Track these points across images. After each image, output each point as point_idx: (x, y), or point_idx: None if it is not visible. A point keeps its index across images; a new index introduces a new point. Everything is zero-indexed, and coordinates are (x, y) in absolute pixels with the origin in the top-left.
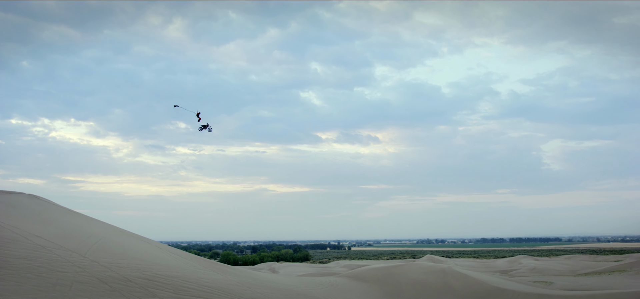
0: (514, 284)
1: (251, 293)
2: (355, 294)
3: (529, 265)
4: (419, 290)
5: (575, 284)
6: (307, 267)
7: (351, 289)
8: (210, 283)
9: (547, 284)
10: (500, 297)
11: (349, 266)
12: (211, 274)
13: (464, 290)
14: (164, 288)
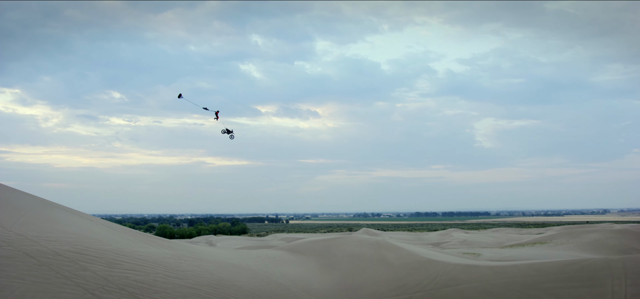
0: (444, 255)
1: (187, 266)
2: (292, 266)
3: (459, 238)
4: (354, 262)
5: (500, 255)
6: (244, 240)
7: (288, 262)
8: (145, 256)
9: (475, 256)
10: (430, 267)
11: (287, 239)
12: (146, 247)
13: (397, 261)
14: (96, 261)
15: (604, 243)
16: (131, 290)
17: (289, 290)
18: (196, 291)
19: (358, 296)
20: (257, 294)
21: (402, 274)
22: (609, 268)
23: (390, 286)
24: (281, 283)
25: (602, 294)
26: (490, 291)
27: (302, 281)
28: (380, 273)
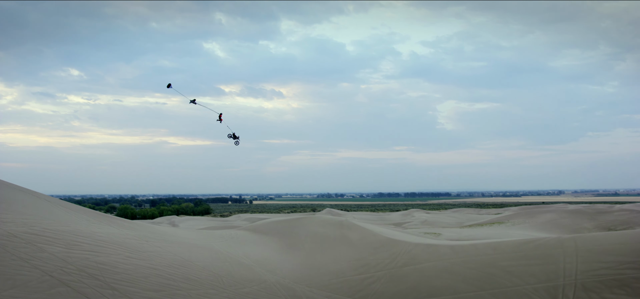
0: (406, 235)
1: (149, 247)
2: (256, 246)
3: (421, 218)
4: (317, 242)
5: (460, 235)
6: (208, 221)
7: (251, 242)
8: (105, 237)
9: (435, 236)
10: (392, 247)
11: (250, 219)
12: (107, 228)
13: (360, 241)
14: (54, 242)
15: (558, 223)
16: (91, 272)
17: (252, 270)
18: (158, 271)
19: (321, 275)
20: (220, 275)
21: (364, 254)
22: (561, 246)
23: (353, 265)
24: (244, 263)
25: (554, 271)
26: (449, 270)
27: (265, 261)
28: (343, 253)
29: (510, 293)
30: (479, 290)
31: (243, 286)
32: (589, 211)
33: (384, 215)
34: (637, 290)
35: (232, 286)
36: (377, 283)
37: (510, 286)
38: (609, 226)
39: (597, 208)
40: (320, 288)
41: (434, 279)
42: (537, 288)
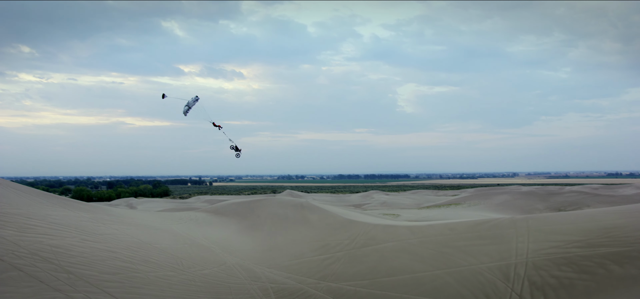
0: (365, 216)
1: (106, 229)
2: (215, 228)
3: (380, 200)
4: (277, 223)
5: (418, 216)
6: (167, 202)
7: (211, 224)
8: (60, 220)
9: (394, 217)
10: (351, 228)
11: (210, 201)
12: (61, 211)
13: (319, 222)
14: (5, 226)
15: (512, 204)
16: (45, 255)
17: (212, 252)
18: (116, 254)
19: (281, 256)
20: (179, 257)
21: (324, 235)
22: (514, 226)
23: (313, 246)
24: (204, 245)
25: (507, 250)
26: (407, 250)
27: (225, 243)
28: (303, 234)
29: (465, 272)
30: (435, 269)
31: (203, 268)
32: (541, 193)
33: (344, 197)
34: (583, 267)
35: (191, 268)
36: (337, 263)
37: (466, 265)
38: (559, 207)
39: (548, 190)
40: (280, 269)
41: (392, 260)
42: (490, 266)
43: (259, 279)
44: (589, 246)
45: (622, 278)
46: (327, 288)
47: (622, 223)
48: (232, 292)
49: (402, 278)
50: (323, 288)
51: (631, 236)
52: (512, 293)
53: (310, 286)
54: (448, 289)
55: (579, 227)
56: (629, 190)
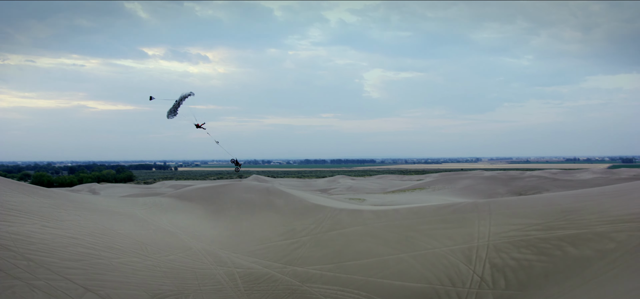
0: (331, 201)
1: (67, 215)
2: (181, 213)
3: (346, 184)
4: (243, 208)
5: (383, 200)
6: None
7: (176, 209)
8: (18, 206)
9: (360, 201)
10: (317, 212)
11: (175, 186)
12: (20, 197)
13: (285, 207)
14: None
15: (475, 188)
16: (4, 242)
17: (177, 237)
18: (78, 241)
19: (247, 241)
20: (144, 242)
21: (290, 219)
22: (476, 210)
23: (279, 230)
24: (169, 230)
25: (469, 233)
26: (372, 234)
27: (190, 228)
28: (268, 219)
29: (429, 255)
30: (400, 253)
31: (168, 254)
32: (503, 178)
33: (310, 181)
34: (541, 249)
35: (156, 254)
36: (303, 247)
37: (430, 248)
38: (520, 191)
39: (510, 175)
40: (246, 253)
41: (357, 243)
42: (453, 249)
43: (225, 264)
44: (548, 229)
45: (577, 259)
46: (293, 272)
47: (579, 207)
48: (197, 277)
49: (367, 262)
50: (289, 272)
51: (586, 219)
52: (474, 275)
53: (276, 271)
54: (412, 273)
55: (538, 210)
56: (585, 175)
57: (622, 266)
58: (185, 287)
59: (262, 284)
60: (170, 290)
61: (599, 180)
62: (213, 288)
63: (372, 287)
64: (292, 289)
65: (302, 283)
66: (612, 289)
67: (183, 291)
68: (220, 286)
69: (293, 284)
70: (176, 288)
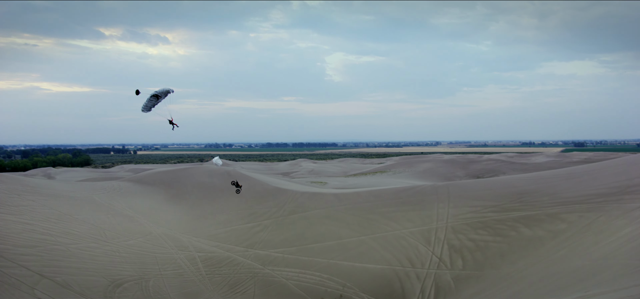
0: (293, 184)
1: (21, 200)
2: (140, 197)
3: (308, 167)
4: (204, 192)
5: (345, 183)
6: (88, 172)
7: (135, 193)
8: None
9: (321, 184)
10: (279, 196)
11: (134, 170)
12: None
13: (247, 191)
14: None
15: (434, 172)
16: None
17: (136, 222)
18: (32, 226)
19: (208, 225)
20: (102, 228)
21: (251, 203)
22: (436, 192)
23: (240, 214)
24: (128, 215)
25: (429, 216)
26: (333, 216)
27: (150, 212)
28: (230, 202)
29: (389, 237)
30: (361, 235)
31: (127, 239)
32: (461, 161)
33: (272, 165)
34: (497, 230)
35: (115, 239)
36: (265, 231)
37: (390, 230)
38: (478, 174)
39: (468, 158)
40: (208, 237)
41: (319, 226)
42: (413, 231)
43: (186, 248)
44: (503, 211)
45: (531, 239)
46: (255, 255)
47: (533, 189)
48: (158, 262)
49: (328, 244)
50: (251, 255)
51: (540, 201)
52: (432, 256)
53: (238, 254)
54: (373, 254)
55: (495, 193)
56: (540, 158)
57: (572, 245)
58: (145, 272)
59: (223, 268)
60: (130, 275)
61: (552, 163)
62: (174, 273)
63: (334, 269)
64: (254, 272)
65: (264, 266)
66: (562, 267)
67: (143, 276)
68: (182, 270)
69: (255, 268)
70: (136, 273)
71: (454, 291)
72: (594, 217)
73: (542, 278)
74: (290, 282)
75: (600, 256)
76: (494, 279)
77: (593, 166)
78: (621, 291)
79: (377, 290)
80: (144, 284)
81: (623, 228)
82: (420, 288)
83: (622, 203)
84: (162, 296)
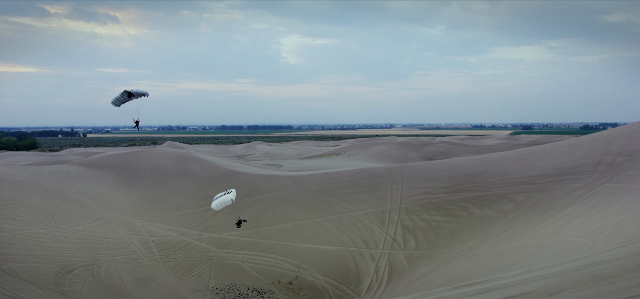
0: (248, 167)
1: None
2: (91, 182)
3: (263, 150)
4: (157, 175)
5: (300, 166)
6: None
7: (86, 177)
8: None
9: (276, 167)
10: (234, 179)
11: (84, 153)
12: None
13: (202, 174)
14: None
15: (388, 154)
16: None
17: (87, 206)
18: None
19: (162, 209)
20: (51, 213)
21: (206, 186)
22: (389, 174)
23: (195, 197)
24: (79, 200)
25: (382, 197)
26: (288, 199)
27: (102, 197)
28: (184, 185)
29: (344, 219)
30: (316, 217)
31: (78, 224)
32: (415, 143)
33: (227, 148)
34: (449, 210)
35: (64, 224)
36: (220, 214)
37: (344, 212)
38: (430, 156)
39: (421, 141)
40: (162, 221)
41: (274, 208)
42: (367, 213)
43: (140, 233)
44: (455, 192)
45: (481, 219)
46: (210, 238)
47: (483, 170)
48: (110, 247)
49: (284, 226)
50: (206, 239)
51: (489, 182)
52: (386, 236)
53: (193, 238)
54: (328, 236)
55: (447, 175)
56: (490, 141)
57: (520, 224)
58: (97, 258)
59: (178, 252)
60: (81, 261)
61: (501, 145)
62: (127, 258)
63: (289, 251)
64: (209, 255)
65: (219, 249)
66: (510, 245)
67: (95, 261)
68: (135, 255)
69: (210, 251)
70: (87, 259)
71: (407, 271)
72: (540, 197)
73: (492, 256)
74: (246, 264)
75: (545, 233)
76: (446, 258)
77: (539, 148)
78: (561, 266)
79: (332, 271)
80: (96, 270)
81: (566, 207)
82: (374, 267)
83: (565, 183)
84: (115, 281)
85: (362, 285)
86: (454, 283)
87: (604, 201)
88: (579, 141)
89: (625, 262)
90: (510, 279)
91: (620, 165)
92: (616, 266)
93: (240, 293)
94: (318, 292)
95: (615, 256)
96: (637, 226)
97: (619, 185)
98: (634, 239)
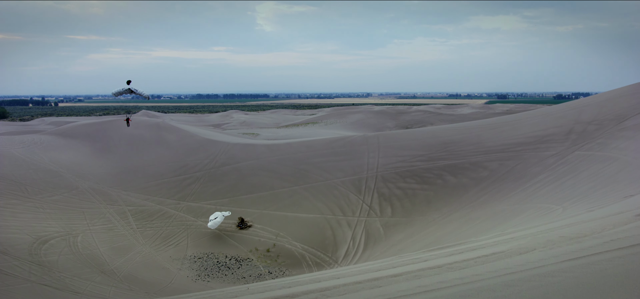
0: (225, 136)
1: None
2: (64, 152)
3: (240, 119)
4: (132, 144)
5: (277, 134)
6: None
7: (59, 147)
8: None
9: (253, 136)
10: (210, 147)
11: (56, 123)
12: None
13: (177, 143)
14: None
15: (365, 122)
16: None
17: (60, 176)
18: None
19: (138, 178)
20: (23, 183)
21: (182, 155)
22: (366, 143)
23: (171, 167)
24: (52, 170)
25: (359, 165)
26: (266, 167)
27: (75, 167)
28: (160, 155)
29: (321, 187)
30: (293, 185)
31: (51, 194)
32: (391, 112)
33: (203, 117)
34: (425, 178)
35: (38, 195)
36: (196, 183)
37: (322, 180)
38: (407, 125)
39: (398, 109)
40: (138, 191)
41: (251, 177)
42: (344, 181)
43: (116, 202)
44: (430, 160)
45: (455, 187)
46: (187, 207)
47: (458, 139)
48: (86, 217)
49: (261, 195)
50: (183, 207)
51: (464, 150)
52: (363, 204)
53: (169, 207)
54: (305, 204)
55: (423, 143)
56: (465, 110)
57: (493, 191)
58: (73, 228)
59: (155, 221)
60: (56, 232)
61: (476, 114)
62: (104, 227)
63: (266, 219)
64: (186, 224)
65: (196, 217)
66: (483, 212)
67: (71, 232)
68: (111, 224)
69: (187, 220)
70: (63, 229)
71: (383, 237)
72: (513, 164)
73: (466, 222)
74: (224, 233)
75: (518, 200)
76: (421, 225)
77: (513, 117)
78: (532, 229)
79: (309, 238)
80: (72, 240)
81: (538, 174)
82: (351, 235)
83: (538, 151)
84: (91, 251)
85: (339, 252)
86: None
87: (575, 168)
88: (551, 110)
89: (593, 224)
90: (483, 241)
91: (591, 133)
92: (584, 228)
93: (219, 261)
94: (296, 259)
95: (583, 220)
96: (605, 192)
97: (590, 152)
98: (601, 204)
